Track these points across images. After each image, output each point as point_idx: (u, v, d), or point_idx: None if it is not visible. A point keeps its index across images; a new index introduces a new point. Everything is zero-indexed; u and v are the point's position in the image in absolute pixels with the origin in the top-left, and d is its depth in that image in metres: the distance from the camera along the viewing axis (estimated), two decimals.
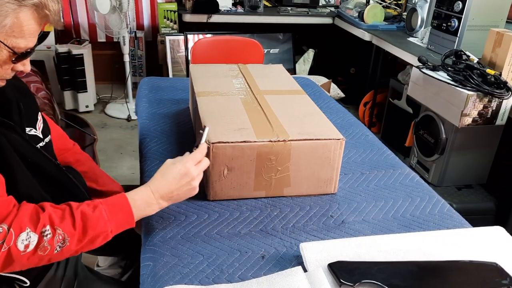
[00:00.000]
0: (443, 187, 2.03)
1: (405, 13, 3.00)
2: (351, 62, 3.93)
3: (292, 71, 3.83)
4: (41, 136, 1.02)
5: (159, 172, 0.95)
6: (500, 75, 1.83)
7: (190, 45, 3.45)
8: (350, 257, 0.89)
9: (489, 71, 1.83)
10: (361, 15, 3.15)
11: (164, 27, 3.69)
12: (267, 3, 3.74)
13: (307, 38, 4.05)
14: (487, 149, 2.02)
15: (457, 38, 2.22)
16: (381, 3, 3.31)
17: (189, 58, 3.34)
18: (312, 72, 3.91)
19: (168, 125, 1.51)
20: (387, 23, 3.13)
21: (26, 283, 0.97)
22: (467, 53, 2.01)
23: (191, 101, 1.53)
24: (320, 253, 0.89)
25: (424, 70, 2.00)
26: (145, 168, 1.25)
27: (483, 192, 2.02)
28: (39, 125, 1.03)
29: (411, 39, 2.76)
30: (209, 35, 3.40)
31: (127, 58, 3.41)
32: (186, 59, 3.56)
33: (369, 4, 3.24)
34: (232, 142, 1.03)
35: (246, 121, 1.13)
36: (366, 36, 3.00)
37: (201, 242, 0.96)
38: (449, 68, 1.96)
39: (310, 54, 3.92)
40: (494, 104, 1.81)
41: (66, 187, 1.02)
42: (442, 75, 1.95)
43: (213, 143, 1.02)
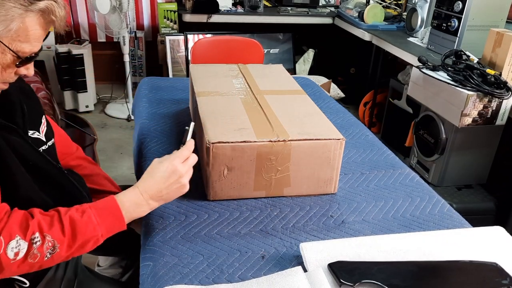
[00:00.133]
0: (443, 187, 2.03)
1: (405, 13, 3.00)
2: (351, 62, 3.93)
3: (292, 71, 3.83)
4: (44, 139, 1.02)
5: (146, 172, 0.94)
6: (500, 75, 1.83)
7: (190, 45, 3.45)
8: (350, 257, 0.89)
9: (489, 71, 1.83)
10: (361, 15, 3.15)
11: (164, 27, 3.69)
12: (267, 3, 3.74)
13: (307, 38, 4.05)
14: (487, 149, 2.02)
15: (457, 38, 2.22)
16: (381, 3, 3.31)
17: (189, 58, 3.34)
18: (312, 72, 3.91)
19: (168, 125, 1.51)
20: (387, 23, 3.13)
21: (25, 283, 0.96)
22: (467, 53, 2.01)
23: (191, 101, 1.53)
24: (320, 253, 0.89)
25: (424, 70, 2.00)
26: (145, 168, 1.24)
27: (483, 192, 2.02)
28: (43, 128, 1.03)
29: (411, 39, 2.76)
30: (209, 35, 3.40)
31: (127, 58, 3.41)
32: (186, 59, 3.56)
33: (369, 4, 3.23)
34: (232, 142, 1.03)
35: (246, 121, 1.13)
36: (366, 36, 3.00)
37: (201, 242, 0.96)
38: (449, 68, 1.96)
39: (310, 54, 3.92)
40: (494, 104, 1.81)
41: (67, 190, 1.02)
42: (442, 75, 1.95)
43: (213, 143, 1.02)
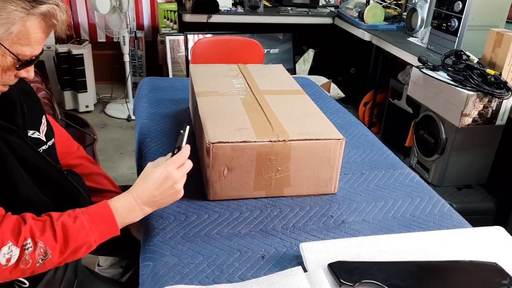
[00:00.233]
0: (443, 187, 2.03)
1: (405, 13, 3.00)
2: (351, 62, 3.93)
3: (292, 71, 3.83)
4: (44, 139, 1.01)
5: (140, 177, 0.93)
6: (500, 75, 1.83)
7: (190, 45, 3.45)
8: (350, 257, 0.89)
9: (489, 71, 1.83)
10: (361, 15, 3.15)
11: (164, 27, 3.69)
12: (267, 3, 3.74)
13: (307, 38, 4.05)
14: (487, 149, 2.02)
15: (457, 38, 2.22)
16: (381, 3, 3.31)
17: (189, 58, 3.34)
18: (312, 72, 3.91)
19: (168, 125, 1.51)
20: (387, 23, 3.13)
21: (25, 284, 0.96)
22: (467, 53, 2.01)
23: (191, 101, 1.53)
24: (320, 253, 0.89)
25: (424, 70, 2.00)
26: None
27: (483, 192, 2.02)
28: (43, 128, 1.03)
29: (411, 39, 2.75)
30: (209, 35, 3.40)
31: (127, 58, 3.41)
32: (186, 59, 3.56)
33: (369, 4, 3.23)
34: (232, 142, 1.03)
35: (246, 121, 1.13)
36: (366, 36, 3.00)
37: (201, 242, 0.96)
38: (449, 68, 1.96)
39: (310, 54, 3.92)
40: (494, 104, 1.81)
41: (67, 191, 1.01)
42: (442, 75, 1.95)
43: (213, 143, 1.02)
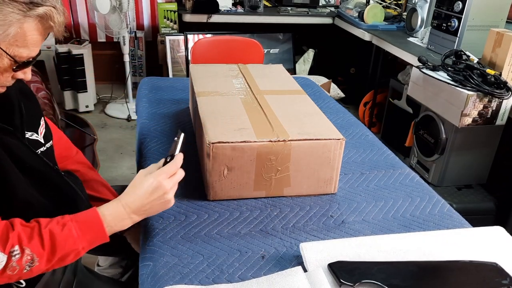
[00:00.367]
0: (443, 187, 2.03)
1: (405, 13, 3.00)
2: (351, 62, 3.93)
3: (292, 71, 3.83)
4: (42, 141, 1.01)
5: (130, 186, 0.93)
6: (500, 75, 1.83)
7: (190, 45, 3.45)
8: (350, 257, 0.89)
9: (489, 71, 1.83)
10: (361, 15, 3.15)
11: (164, 27, 3.69)
12: (267, 3, 3.74)
13: (307, 38, 4.05)
14: (487, 149, 2.02)
15: (457, 38, 2.22)
16: (381, 3, 3.31)
17: (189, 58, 3.34)
18: (312, 72, 3.91)
19: (168, 125, 1.51)
20: (387, 23, 3.13)
21: (21, 284, 0.96)
22: (467, 53, 2.01)
23: (191, 101, 1.53)
24: (320, 253, 0.89)
25: (424, 70, 2.00)
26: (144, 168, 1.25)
27: (483, 192, 2.02)
28: (41, 130, 1.02)
29: (411, 39, 2.75)
30: (209, 35, 3.40)
31: (127, 58, 3.41)
32: (186, 59, 3.56)
33: (369, 4, 3.23)
34: (232, 142, 1.03)
35: (246, 121, 1.13)
36: (366, 36, 3.00)
37: (201, 242, 0.96)
38: (449, 68, 1.96)
39: (310, 54, 3.92)
40: (494, 104, 1.81)
41: (65, 192, 1.01)
42: (442, 75, 1.95)
43: (213, 143, 1.02)
